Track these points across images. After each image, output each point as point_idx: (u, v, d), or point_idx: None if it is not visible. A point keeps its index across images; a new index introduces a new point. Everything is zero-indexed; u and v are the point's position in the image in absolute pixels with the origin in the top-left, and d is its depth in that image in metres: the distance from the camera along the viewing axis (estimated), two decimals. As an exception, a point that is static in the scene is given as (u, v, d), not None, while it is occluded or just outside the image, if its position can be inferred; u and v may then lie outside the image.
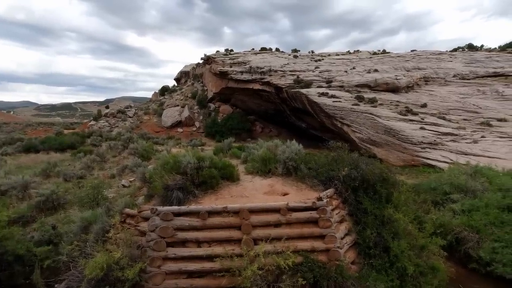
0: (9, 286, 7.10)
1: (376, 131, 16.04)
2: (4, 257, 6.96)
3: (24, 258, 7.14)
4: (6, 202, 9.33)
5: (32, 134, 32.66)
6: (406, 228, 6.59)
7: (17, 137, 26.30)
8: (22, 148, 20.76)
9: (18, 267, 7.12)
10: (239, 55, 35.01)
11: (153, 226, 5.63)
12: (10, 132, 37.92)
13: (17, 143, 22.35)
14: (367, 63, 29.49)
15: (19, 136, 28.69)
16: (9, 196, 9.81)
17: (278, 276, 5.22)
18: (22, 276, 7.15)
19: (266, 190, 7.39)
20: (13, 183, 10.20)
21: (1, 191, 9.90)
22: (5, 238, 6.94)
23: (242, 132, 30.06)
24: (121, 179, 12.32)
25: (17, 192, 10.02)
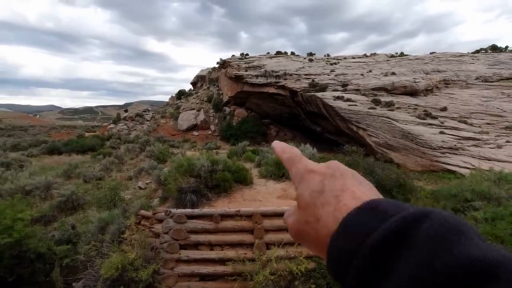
0: (30, 283, 7.38)
1: (393, 135, 15.66)
2: (27, 255, 7.24)
3: (45, 256, 7.40)
4: (30, 201, 9.73)
5: (56, 137, 34.04)
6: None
7: (42, 140, 27.51)
8: (46, 150, 21.67)
9: (39, 265, 7.39)
10: (254, 59, 35.21)
11: (167, 228, 5.72)
12: (36, 135, 39.73)
13: (42, 145, 23.35)
14: (384, 66, 28.92)
15: (44, 138, 29.99)
16: (32, 196, 10.24)
17: (291, 282, 5.16)
18: (42, 274, 7.41)
19: (280, 194, 7.36)
20: (37, 184, 10.64)
21: (26, 191, 10.33)
22: (28, 236, 7.23)
23: (257, 136, 30.09)
24: (137, 181, 12.60)
25: (40, 192, 10.44)
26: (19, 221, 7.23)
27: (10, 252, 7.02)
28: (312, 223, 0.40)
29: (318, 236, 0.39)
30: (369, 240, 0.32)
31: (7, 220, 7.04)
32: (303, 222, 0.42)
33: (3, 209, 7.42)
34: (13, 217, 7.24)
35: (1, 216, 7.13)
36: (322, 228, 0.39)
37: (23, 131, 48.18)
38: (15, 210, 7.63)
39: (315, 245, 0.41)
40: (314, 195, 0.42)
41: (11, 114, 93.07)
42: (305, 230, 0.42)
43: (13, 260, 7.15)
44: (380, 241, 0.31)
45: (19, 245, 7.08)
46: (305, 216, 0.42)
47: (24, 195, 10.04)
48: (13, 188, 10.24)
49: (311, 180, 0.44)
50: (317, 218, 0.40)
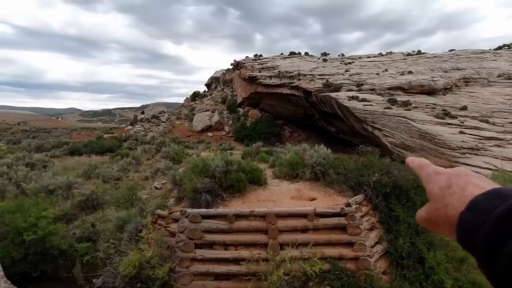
0: (53, 279, 7.69)
1: (410, 135, 15.28)
2: (50, 251, 7.56)
3: (67, 253, 7.69)
4: (53, 200, 10.14)
5: (77, 138, 35.23)
6: (443, 239, 6.21)
7: (64, 141, 28.55)
8: (67, 151, 22.48)
9: (62, 261, 7.69)
10: (267, 60, 35.24)
11: (182, 228, 5.83)
12: (58, 137, 41.29)
13: (64, 146, 24.24)
14: (401, 65, 28.27)
15: (65, 140, 31.13)
16: (55, 195, 10.66)
17: (305, 282, 5.15)
18: (64, 270, 7.71)
19: (293, 194, 7.35)
20: (59, 183, 11.08)
21: (49, 190, 10.77)
22: (51, 233, 7.54)
23: (271, 137, 30.07)
24: (153, 181, 12.88)
25: (62, 191, 10.86)
26: (43, 219, 7.55)
27: (35, 249, 7.35)
28: (441, 209, 0.52)
29: (447, 217, 0.50)
30: (494, 213, 0.41)
31: (32, 218, 7.37)
32: (433, 209, 0.53)
33: (29, 208, 7.78)
34: (38, 215, 7.57)
35: (27, 214, 7.48)
36: (451, 211, 0.50)
37: (47, 133, 50.22)
38: (39, 208, 7.98)
39: (445, 225, 0.51)
40: (443, 189, 0.53)
41: (36, 117, 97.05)
42: (435, 215, 0.53)
43: (37, 256, 7.48)
44: (504, 214, 0.40)
45: (43, 242, 7.39)
46: (435, 205, 0.53)
47: (48, 194, 10.46)
48: (37, 188, 10.70)
49: (439, 179, 0.56)
50: (446, 204, 0.51)
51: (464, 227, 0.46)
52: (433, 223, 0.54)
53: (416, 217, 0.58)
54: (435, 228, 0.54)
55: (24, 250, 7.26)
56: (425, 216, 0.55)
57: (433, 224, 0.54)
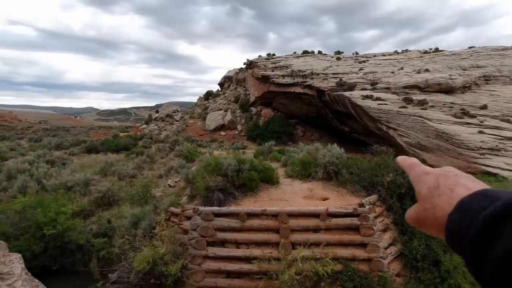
0: (71, 272, 7.95)
1: (426, 135, 14.89)
2: (68, 246, 7.82)
3: (84, 248, 7.94)
4: (71, 196, 10.47)
5: (94, 137, 36.20)
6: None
7: (82, 139, 29.40)
8: (85, 149, 23.14)
9: (79, 255, 7.94)
10: (280, 59, 35.10)
11: (195, 225, 5.91)
12: (76, 135, 42.61)
13: (82, 144, 24.96)
14: (417, 63, 27.55)
15: (83, 138, 32.07)
16: (73, 191, 11.00)
17: (316, 283, 5.13)
18: (81, 264, 7.96)
19: (306, 194, 7.31)
20: (77, 180, 11.43)
21: (67, 186, 11.13)
22: (69, 228, 7.80)
23: (283, 136, 29.97)
24: (167, 179, 13.09)
25: (80, 188, 11.20)
26: (61, 214, 7.82)
27: (54, 243, 7.62)
28: (430, 210, 0.51)
29: (436, 218, 0.50)
30: (481, 215, 0.41)
31: (51, 213, 7.64)
32: (422, 210, 0.53)
33: (49, 203, 8.07)
34: (57, 210, 7.85)
35: (47, 210, 7.75)
36: (439, 212, 0.50)
37: (66, 132, 51.91)
38: (59, 204, 8.26)
39: (433, 226, 0.51)
40: (431, 189, 0.53)
41: (56, 116, 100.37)
42: (424, 216, 0.52)
43: (56, 250, 7.76)
44: (491, 215, 0.40)
45: (61, 237, 7.66)
46: (424, 205, 0.53)
47: (66, 190, 10.81)
48: (57, 184, 11.07)
49: (428, 179, 0.55)
50: (434, 205, 0.51)
51: (452, 229, 0.46)
52: (422, 224, 0.54)
53: (405, 217, 0.58)
54: (424, 228, 0.54)
55: (44, 244, 7.55)
56: (414, 216, 0.55)
57: (422, 225, 0.54)
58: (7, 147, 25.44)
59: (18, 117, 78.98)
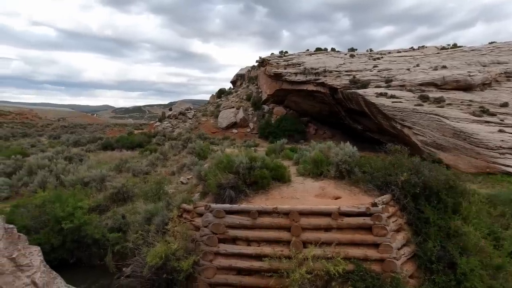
0: (87, 266, 8.20)
1: (443, 133, 14.47)
2: (85, 240, 8.06)
3: (100, 242, 8.16)
4: (88, 192, 10.78)
5: (110, 134, 37.06)
6: (478, 244, 5.86)
7: (98, 137, 30.21)
8: (101, 146, 23.74)
9: (95, 249, 8.18)
10: (293, 56, 34.86)
11: (206, 222, 5.97)
12: (93, 132, 43.80)
13: (98, 141, 25.62)
14: (434, 60, 26.77)
15: (99, 135, 32.93)
16: (90, 187, 11.32)
17: (327, 282, 5.10)
18: (97, 258, 8.19)
19: (318, 192, 7.26)
20: (93, 176, 11.75)
21: (84, 182, 11.47)
22: (86, 223, 8.04)
23: (295, 134, 29.81)
24: (180, 176, 13.27)
25: (96, 184, 11.51)
26: (79, 209, 8.06)
27: (72, 237, 7.88)
28: None
29: None
30: None
31: (69, 208, 7.90)
32: None
33: (66, 198, 8.34)
34: (74, 205, 8.10)
35: (65, 204, 8.02)
36: None
37: (83, 129, 53.41)
38: (76, 199, 8.53)
39: None
40: None
41: (73, 113, 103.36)
42: None
43: (73, 243, 8.02)
44: None
45: (78, 231, 7.90)
46: None
47: (83, 186, 11.14)
48: (74, 180, 11.42)
49: None
50: None
51: None
52: None
53: None
54: None
55: (62, 238, 7.81)
56: None
57: None
58: (28, 144, 26.41)
59: (39, 115, 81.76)
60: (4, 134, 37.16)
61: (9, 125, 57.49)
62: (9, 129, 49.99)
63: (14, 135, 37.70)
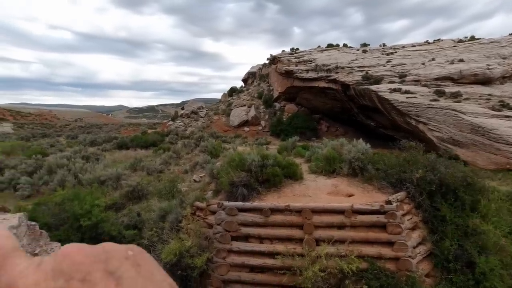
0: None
1: (460, 129, 14.06)
2: (102, 237, 8.29)
3: (116, 239, 8.37)
4: (104, 190, 11.08)
5: (124, 133, 37.87)
6: (498, 243, 5.69)
7: (113, 136, 30.91)
8: (116, 145, 24.32)
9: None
10: (304, 53, 34.57)
11: (219, 220, 6.03)
12: (108, 132, 44.86)
13: (113, 141, 26.24)
14: (450, 53, 25.98)
15: (114, 135, 33.70)
16: (106, 185, 11.64)
17: (341, 280, 5.07)
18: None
19: (330, 190, 7.20)
20: (109, 175, 12.07)
21: (101, 181, 11.79)
22: (103, 220, 8.27)
23: (307, 131, 29.63)
24: (193, 174, 13.44)
25: (112, 182, 11.82)
26: (96, 207, 8.29)
27: (90, 234, 8.12)
28: None
29: None
30: None
31: (87, 206, 8.13)
32: None
33: (84, 196, 8.59)
34: (92, 203, 8.33)
35: (83, 202, 8.26)
36: None
37: (99, 129, 54.79)
38: (93, 197, 8.77)
39: None
40: None
41: (90, 114, 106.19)
42: None
43: (92, 241, 8.25)
44: None
45: (96, 228, 8.13)
46: None
47: (100, 184, 11.45)
48: (91, 178, 11.76)
49: None
50: None
51: None
52: None
53: None
54: None
55: (81, 235, 8.06)
56: None
57: None
58: (48, 144, 27.32)
59: (57, 116, 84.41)
60: (25, 135, 38.59)
61: (30, 126, 59.67)
62: (29, 130, 51.88)
63: (34, 136, 39.07)
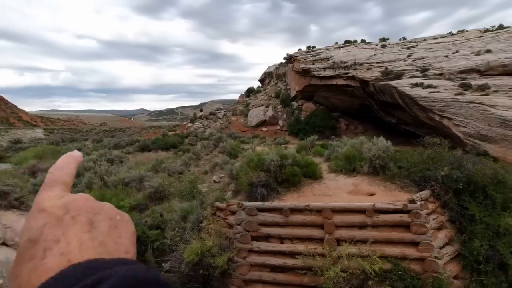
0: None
1: (489, 124, 13.35)
2: (127, 237, 8.60)
3: (141, 239, 8.64)
4: (128, 192, 11.46)
5: (146, 136, 38.95)
6: (532, 243, 5.37)
7: (136, 139, 31.92)
8: (138, 147, 25.09)
9: (137, 246, 8.66)
10: (321, 51, 34.12)
11: (239, 220, 6.09)
12: (131, 135, 46.35)
13: (136, 143, 27.10)
14: (476, 44, 24.74)
15: (137, 138, 34.76)
16: (130, 187, 12.03)
17: (363, 281, 4.98)
18: (139, 254, 8.69)
19: (350, 189, 7.09)
20: (133, 177, 12.46)
21: (125, 182, 12.20)
22: (128, 221, 8.56)
23: (326, 130, 29.24)
24: (212, 175, 13.63)
25: (136, 184, 12.20)
26: (121, 208, 8.58)
27: (115, 234, 8.43)
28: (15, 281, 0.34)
29: None
30: None
31: (112, 207, 8.46)
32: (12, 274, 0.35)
33: (110, 198, 8.94)
34: (117, 204, 8.64)
35: (108, 203, 8.61)
36: None
37: (122, 132, 56.84)
38: (118, 198, 9.11)
39: None
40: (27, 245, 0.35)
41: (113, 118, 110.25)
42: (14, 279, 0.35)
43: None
44: None
45: (121, 228, 8.44)
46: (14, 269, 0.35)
47: (124, 186, 11.85)
48: (116, 180, 12.19)
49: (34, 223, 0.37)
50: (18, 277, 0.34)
51: None
52: None
53: None
54: None
55: (107, 235, 8.39)
56: None
57: None
58: (76, 148, 28.62)
59: (83, 121, 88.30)
60: (55, 140, 40.62)
61: (59, 131, 62.81)
62: (59, 135, 54.56)
63: (63, 140, 41.05)
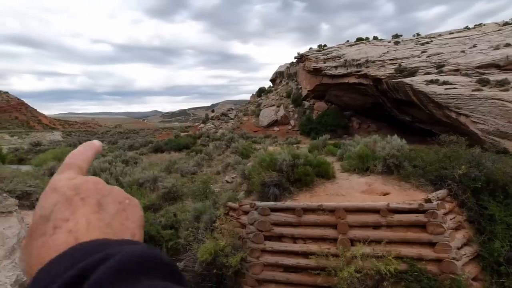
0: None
1: (508, 120, 12.88)
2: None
3: (155, 238, 8.80)
4: (143, 192, 11.68)
5: (159, 137, 39.58)
6: (557, 244, 5.16)
7: (149, 140, 32.48)
8: (152, 149, 25.54)
9: (151, 245, 8.83)
10: (332, 49, 33.78)
11: (252, 220, 6.11)
12: (145, 136, 47.21)
13: (149, 145, 27.58)
14: (494, 38, 23.92)
15: (150, 139, 35.38)
16: (144, 187, 12.26)
17: (378, 282, 4.91)
18: (154, 253, 8.84)
19: (364, 188, 6.99)
20: (147, 177, 12.70)
21: (139, 183, 12.45)
22: (142, 221, 8.73)
23: (338, 129, 28.92)
24: (225, 175, 13.71)
25: (150, 184, 12.42)
26: (136, 209, 8.78)
27: (130, 234, 8.61)
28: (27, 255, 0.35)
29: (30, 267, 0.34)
30: None
31: (128, 207, 8.64)
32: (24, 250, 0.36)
33: (125, 198, 9.13)
34: (132, 205, 8.84)
35: (124, 204, 8.80)
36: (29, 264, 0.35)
37: (136, 134, 58.00)
38: (133, 199, 9.28)
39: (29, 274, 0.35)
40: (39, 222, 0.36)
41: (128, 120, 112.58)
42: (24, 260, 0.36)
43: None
44: None
45: (136, 228, 8.61)
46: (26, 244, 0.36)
47: (139, 186, 12.08)
48: (131, 181, 12.45)
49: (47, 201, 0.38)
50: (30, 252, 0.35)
51: None
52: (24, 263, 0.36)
53: None
54: None
55: (122, 235, 8.58)
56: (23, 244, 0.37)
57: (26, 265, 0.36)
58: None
59: (99, 123, 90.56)
60: (72, 142, 41.84)
61: (76, 134, 64.67)
62: (76, 137, 56.18)
63: (80, 142, 41.92)
